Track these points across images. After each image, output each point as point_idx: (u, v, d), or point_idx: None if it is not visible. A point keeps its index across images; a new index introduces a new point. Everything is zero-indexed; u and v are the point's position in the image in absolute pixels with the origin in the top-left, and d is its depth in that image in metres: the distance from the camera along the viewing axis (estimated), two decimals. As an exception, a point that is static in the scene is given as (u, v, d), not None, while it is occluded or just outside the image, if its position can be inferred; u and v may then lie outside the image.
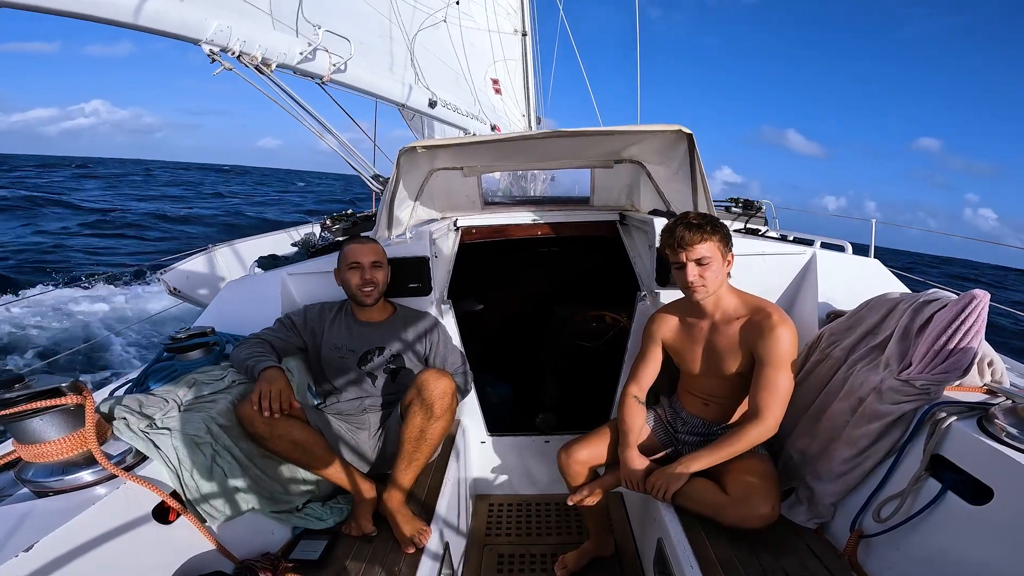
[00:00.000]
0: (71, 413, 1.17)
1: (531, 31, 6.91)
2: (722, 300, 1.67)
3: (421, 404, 1.66)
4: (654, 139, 2.27)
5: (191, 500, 1.34)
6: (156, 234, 16.72)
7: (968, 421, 1.28)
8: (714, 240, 1.58)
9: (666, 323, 1.80)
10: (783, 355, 1.54)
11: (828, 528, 1.57)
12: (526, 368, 3.18)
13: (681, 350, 1.77)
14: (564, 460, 1.79)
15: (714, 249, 1.58)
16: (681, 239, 1.58)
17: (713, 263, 1.58)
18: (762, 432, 1.53)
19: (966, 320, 1.34)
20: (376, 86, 3.60)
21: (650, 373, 1.81)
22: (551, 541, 2.20)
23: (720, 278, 1.62)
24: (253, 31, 2.56)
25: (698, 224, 1.58)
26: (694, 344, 1.73)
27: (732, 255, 1.65)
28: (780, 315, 1.59)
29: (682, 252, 1.59)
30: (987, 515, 1.15)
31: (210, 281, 4.06)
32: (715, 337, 1.67)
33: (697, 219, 1.60)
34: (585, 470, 1.79)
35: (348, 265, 1.88)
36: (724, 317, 1.67)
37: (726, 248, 1.62)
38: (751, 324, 1.61)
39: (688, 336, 1.74)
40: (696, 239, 1.57)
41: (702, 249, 1.57)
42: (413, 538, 1.53)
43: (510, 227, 3.00)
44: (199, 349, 1.74)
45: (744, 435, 1.54)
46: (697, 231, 1.57)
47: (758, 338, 1.57)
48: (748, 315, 1.63)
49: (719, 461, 1.57)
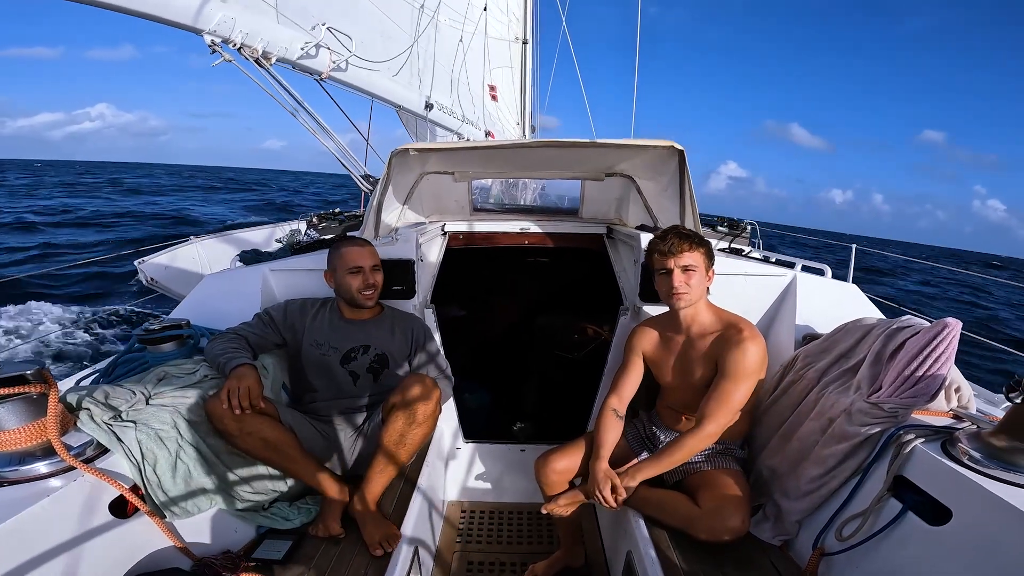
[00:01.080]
0: (33, 402, 1.14)
1: (531, 39, 6.96)
2: (699, 314, 1.73)
3: (404, 409, 1.65)
4: (645, 154, 2.29)
5: (151, 495, 1.31)
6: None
7: (932, 444, 1.30)
8: (700, 252, 1.68)
9: (646, 335, 1.85)
10: (744, 369, 1.59)
11: (792, 545, 1.58)
12: (505, 376, 3.17)
13: (657, 361, 1.82)
14: (541, 469, 1.80)
15: (700, 260, 1.67)
16: (671, 245, 1.67)
17: (697, 273, 1.67)
18: (700, 440, 1.59)
19: (937, 347, 1.37)
20: (374, 85, 3.60)
21: (631, 385, 1.84)
22: (522, 550, 2.19)
23: (700, 290, 1.69)
24: (256, 23, 2.56)
25: (687, 235, 1.69)
26: (669, 355, 1.78)
27: (713, 272, 1.73)
28: (751, 331, 1.65)
29: (671, 258, 1.66)
30: (945, 536, 1.16)
31: (189, 274, 4.01)
32: (688, 350, 1.73)
33: (687, 231, 1.71)
34: (562, 480, 1.79)
35: (348, 269, 1.86)
36: (699, 331, 1.73)
37: (709, 263, 1.71)
38: (722, 338, 1.67)
39: (664, 348, 1.80)
40: (685, 247, 1.66)
41: (689, 257, 1.66)
42: (382, 541, 1.51)
43: (498, 235, 3.01)
44: (172, 342, 1.72)
45: (683, 444, 1.60)
46: (687, 240, 1.67)
47: (724, 350, 1.63)
48: (721, 330, 1.69)
49: (662, 471, 1.64)
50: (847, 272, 3.20)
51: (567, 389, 2.85)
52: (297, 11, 2.89)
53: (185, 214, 21.54)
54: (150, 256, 4.01)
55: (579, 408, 2.41)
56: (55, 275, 8.82)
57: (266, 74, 2.74)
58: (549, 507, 1.77)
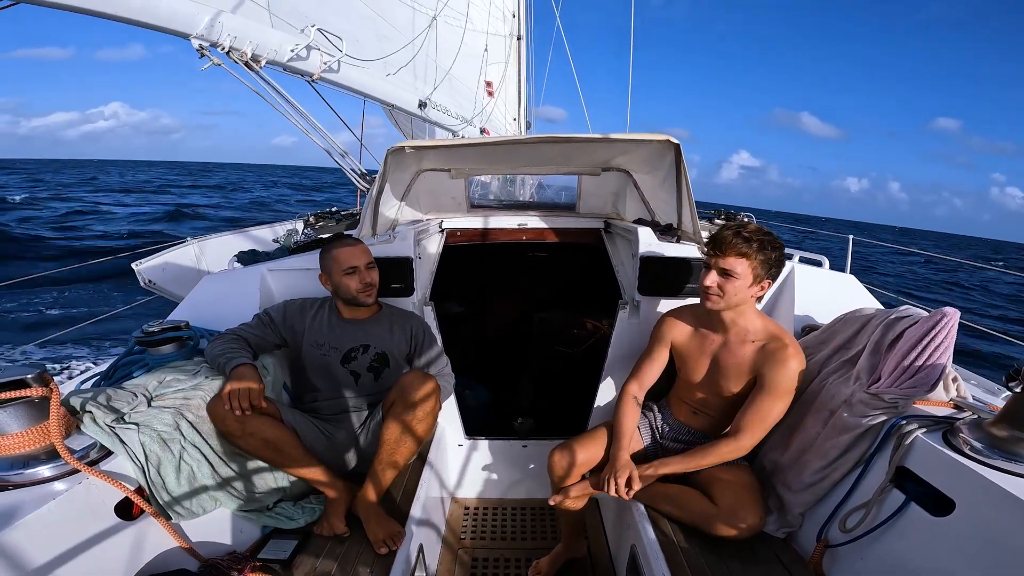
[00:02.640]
0: (35, 405, 1.14)
1: (526, 35, 6.94)
2: (740, 319, 1.63)
3: (404, 406, 1.65)
4: (642, 148, 2.28)
5: (156, 497, 1.31)
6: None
7: (934, 434, 1.31)
8: (751, 260, 1.53)
9: (678, 327, 1.78)
10: (785, 386, 1.54)
11: (796, 537, 1.59)
12: (505, 372, 3.18)
13: (688, 357, 1.75)
14: (558, 462, 1.75)
15: (746, 268, 1.53)
16: (720, 243, 1.55)
17: (738, 280, 1.54)
18: (734, 451, 1.57)
19: (936, 337, 1.38)
20: (367, 85, 3.58)
21: (653, 373, 1.81)
22: (526, 545, 2.20)
23: (741, 297, 1.57)
24: (244, 26, 2.54)
25: (746, 238, 1.52)
26: (702, 355, 1.71)
27: (769, 283, 1.58)
28: (795, 348, 1.56)
29: (714, 256, 1.57)
30: (948, 526, 1.17)
31: (187, 275, 3.98)
32: (725, 354, 1.66)
33: (749, 234, 1.54)
34: (578, 472, 1.76)
35: (344, 270, 1.84)
36: (739, 336, 1.64)
37: (764, 273, 1.56)
38: (764, 350, 1.58)
39: (699, 345, 1.73)
40: (732, 251, 1.53)
41: (732, 262, 1.53)
42: (386, 540, 1.51)
43: (496, 231, 3.00)
44: (172, 343, 1.71)
45: (717, 451, 1.58)
46: (738, 244, 1.52)
47: (767, 364, 1.56)
48: (764, 340, 1.59)
49: (688, 470, 1.61)
50: (844, 262, 3.21)
51: (567, 384, 2.86)
52: (289, 12, 2.87)
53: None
54: (148, 258, 3.99)
55: (580, 402, 2.41)
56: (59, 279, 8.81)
57: (256, 77, 2.72)
58: (557, 499, 1.74)
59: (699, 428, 1.78)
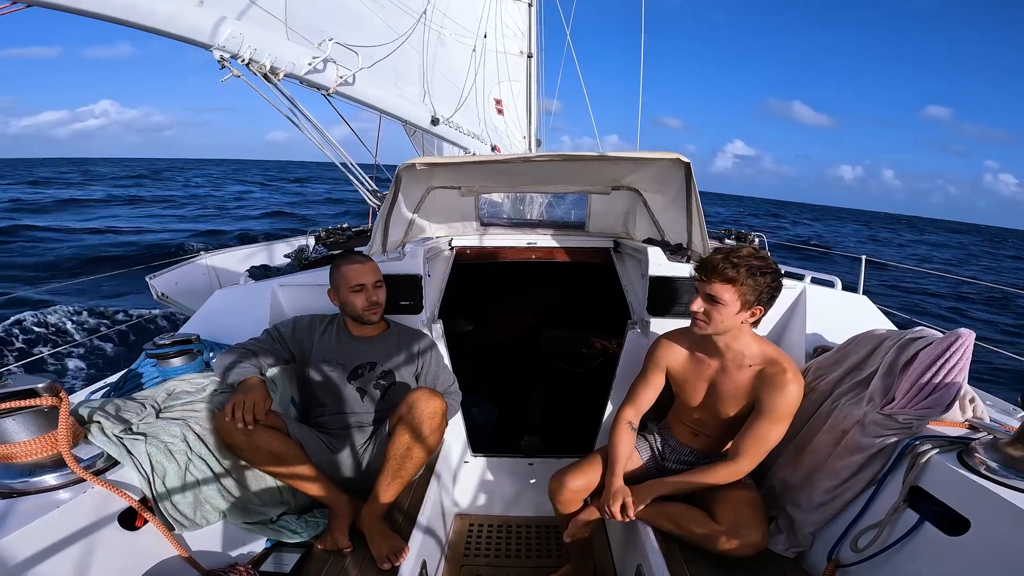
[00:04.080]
0: (44, 415, 1.15)
1: (536, 53, 7.02)
2: (735, 343, 1.60)
3: (410, 422, 1.64)
4: (651, 167, 2.29)
5: (161, 507, 1.32)
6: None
7: (948, 455, 1.28)
8: (738, 287, 1.48)
9: (673, 351, 1.76)
10: (785, 411, 1.52)
11: (806, 557, 1.56)
12: (513, 390, 3.16)
13: (684, 382, 1.73)
14: (557, 488, 1.75)
15: (733, 295, 1.49)
16: (706, 268, 1.52)
17: (724, 308, 1.50)
18: (732, 474, 1.56)
19: (951, 357, 1.36)
20: (381, 101, 3.63)
21: (649, 398, 1.79)
22: (530, 564, 2.16)
23: (728, 323, 1.53)
24: (264, 39, 2.59)
25: (733, 264, 1.48)
26: (699, 380, 1.70)
27: (761, 309, 1.53)
28: (794, 372, 1.54)
29: (700, 282, 1.54)
30: (963, 546, 1.15)
31: (199, 289, 4.04)
32: (722, 379, 1.64)
33: (738, 260, 1.48)
34: (578, 499, 1.75)
35: (351, 288, 1.86)
36: (735, 361, 1.61)
37: (753, 300, 1.50)
38: (762, 375, 1.56)
39: (695, 370, 1.70)
40: (717, 277, 1.49)
41: (718, 288, 1.49)
42: (389, 555, 1.50)
43: (505, 249, 3.01)
44: (182, 356, 1.73)
45: (715, 473, 1.57)
46: (725, 269, 1.48)
47: (765, 389, 1.54)
48: (762, 365, 1.57)
49: (684, 491, 1.62)
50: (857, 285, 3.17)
51: (575, 403, 2.83)
52: (305, 26, 2.93)
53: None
54: (161, 272, 4.06)
55: (587, 422, 2.39)
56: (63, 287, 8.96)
57: (275, 89, 2.78)
58: (570, 534, 1.73)
59: (700, 449, 1.77)
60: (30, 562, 0.99)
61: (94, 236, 16.47)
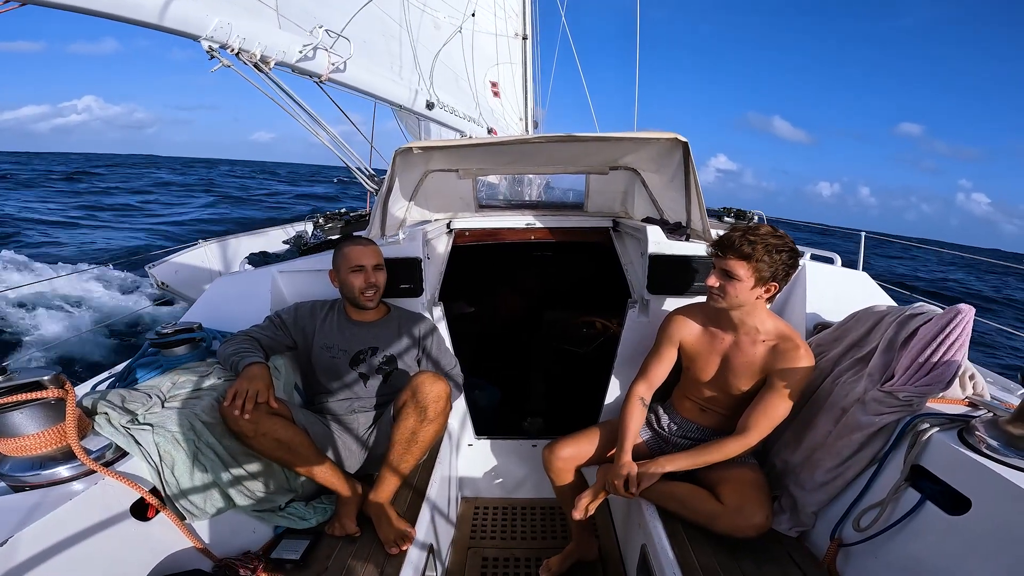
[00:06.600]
0: (51, 407, 1.15)
1: (532, 35, 6.91)
2: (749, 318, 1.62)
3: (415, 406, 1.65)
4: (649, 146, 2.27)
5: (171, 497, 1.33)
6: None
7: (949, 433, 1.29)
8: (753, 264, 1.51)
9: (687, 325, 1.77)
10: (795, 386, 1.54)
11: (808, 536, 1.58)
12: (515, 372, 3.18)
13: (697, 356, 1.75)
14: (548, 457, 1.80)
15: (748, 272, 1.52)
16: (723, 244, 1.55)
17: (739, 284, 1.54)
18: (741, 447, 1.57)
19: (951, 334, 1.35)
20: (375, 86, 3.58)
21: (662, 373, 1.80)
22: (536, 545, 2.20)
23: (743, 298, 1.56)
24: (253, 28, 2.55)
25: (750, 241, 1.51)
26: (712, 353, 1.71)
27: (776, 286, 1.56)
28: (806, 349, 1.57)
29: (717, 257, 1.58)
30: (964, 525, 1.16)
31: (199, 277, 4.03)
32: (735, 353, 1.66)
33: (756, 238, 1.52)
34: (570, 467, 1.79)
35: (351, 268, 1.86)
36: (749, 336, 1.64)
37: (769, 276, 1.53)
38: (776, 350, 1.58)
39: (708, 343, 1.72)
40: (733, 253, 1.53)
41: (733, 264, 1.53)
42: (397, 540, 1.52)
43: (504, 230, 3.00)
44: (185, 345, 1.73)
45: (724, 447, 1.58)
46: (741, 246, 1.51)
47: (778, 363, 1.56)
48: (775, 341, 1.60)
49: (695, 467, 1.61)
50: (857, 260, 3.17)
51: (577, 383, 2.85)
52: (296, 13, 2.88)
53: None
54: (160, 260, 4.05)
55: (589, 402, 2.41)
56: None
57: (266, 78, 2.74)
58: (577, 515, 1.71)
59: (707, 425, 1.78)
60: (46, 554, 1.00)
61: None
